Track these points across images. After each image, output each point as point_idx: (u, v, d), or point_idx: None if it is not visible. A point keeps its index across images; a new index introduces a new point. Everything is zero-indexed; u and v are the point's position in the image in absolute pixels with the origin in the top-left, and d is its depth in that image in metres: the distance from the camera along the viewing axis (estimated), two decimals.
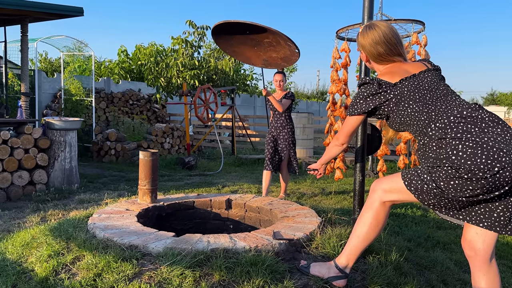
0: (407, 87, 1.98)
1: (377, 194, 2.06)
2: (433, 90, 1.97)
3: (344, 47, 3.53)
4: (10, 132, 5.50)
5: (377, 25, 2.12)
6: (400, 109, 1.99)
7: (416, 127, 1.97)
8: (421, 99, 1.95)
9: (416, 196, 1.92)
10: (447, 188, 1.79)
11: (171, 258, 2.10)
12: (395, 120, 2.06)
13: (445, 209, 1.93)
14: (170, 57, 12.57)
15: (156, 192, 3.31)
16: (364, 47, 2.16)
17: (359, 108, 2.09)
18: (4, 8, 6.11)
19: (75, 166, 6.09)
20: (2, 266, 2.36)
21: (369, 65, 2.27)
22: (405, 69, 2.06)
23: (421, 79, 2.00)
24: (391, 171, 8.39)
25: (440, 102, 1.93)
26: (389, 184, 2.04)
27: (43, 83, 10.45)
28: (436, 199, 1.87)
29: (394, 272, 2.37)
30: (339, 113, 3.59)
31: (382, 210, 2.05)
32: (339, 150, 2.34)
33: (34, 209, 4.74)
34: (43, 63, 16.67)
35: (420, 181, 1.89)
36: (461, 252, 3.36)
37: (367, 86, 2.06)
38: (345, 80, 3.59)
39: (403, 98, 1.98)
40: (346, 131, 2.22)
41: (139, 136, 9.59)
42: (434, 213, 4.69)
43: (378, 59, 2.15)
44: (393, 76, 2.03)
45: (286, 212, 3.05)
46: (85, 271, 2.11)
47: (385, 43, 2.08)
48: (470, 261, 1.99)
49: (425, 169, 1.89)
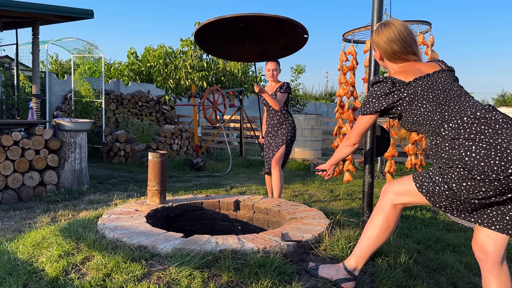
0: (420, 86, 1.96)
1: (388, 196, 2.05)
2: (446, 91, 1.95)
3: (351, 50, 3.51)
4: (21, 133, 5.57)
5: (392, 23, 2.10)
6: (413, 109, 1.98)
7: (428, 127, 1.95)
8: (434, 99, 1.93)
9: (428, 198, 1.91)
10: (460, 189, 1.77)
11: (180, 258, 2.11)
12: (407, 120, 2.03)
13: (457, 211, 1.91)
14: (179, 58, 12.64)
15: (165, 193, 3.33)
16: (379, 45, 2.13)
17: (371, 107, 2.07)
18: (16, 11, 6.19)
19: (85, 167, 6.14)
20: (13, 266, 2.39)
21: (382, 64, 2.24)
22: (419, 69, 2.04)
23: (435, 79, 1.98)
24: (400, 172, 8.33)
25: (454, 103, 1.91)
26: (400, 186, 2.02)
27: (53, 84, 10.56)
28: (448, 201, 1.86)
29: (403, 274, 2.36)
30: (347, 115, 3.57)
31: (393, 213, 2.04)
32: (350, 151, 2.30)
33: (45, 209, 4.79)
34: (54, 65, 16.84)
35: (432, 183, 1.87)
36: (471, 255, 3.33)
37: (381, 85, 2.04)
38: (352, 82, 3.58)
39: (417, 98, 1.96)
40: (358, 131, 2.19)
41: (148, 137, 9.65)
42: (445, 215, 4.65)
43: (392, 57, 2.12)
44: (407, 75, 2.01)
45: (295, 213, 3.04)
46: (95, 271, 2.13)
47: (400, 41, 2.06)
48: (480, 264, 1.97)
49: (437, 170, 1.87)
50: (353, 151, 2.33)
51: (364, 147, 2.73)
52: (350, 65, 3.50)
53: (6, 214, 4.64)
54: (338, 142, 3.70)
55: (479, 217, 1.88)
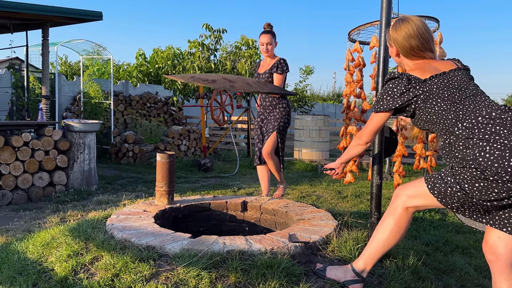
0: (436, 84, 1.93)
1: (400, 199, 2.02)
2: (462, 89, 1.93)
3: (357, 47, 3.47)
4: (31, 134, 5.63)
5: (411, 19, 2.07)
6: (427, 107, 1.94)
7: (442, 126, 1.91)
8: (449, 97, 1.90)
9: (439, 200, 1.88)
10: (472, 190, 1.75)
11: (188, 259, 2.12)
12: (421, 118, 2.00)
13: (469, 212, 1.89)
14: (186, 60, 12.68)
15: (173, 194, 3.34)
16: (396, 40, 2.09)
17: (385, 104, 2.02)
18: (26, 13, 6.26)
19: (93, 168, 6.19)
20: (23, 265, 2.42)
21: (397, 60, 2.19)
22: (435, 66, 2.01)
23: (451, 77, 1.95)
24: (408, 174, 8.28)
25: (469, 102, 1.89)
26: (412, 189, 2.00)
27: (63, 86, 10.65)
28: (460, 203, 1.84)
29: (412, 276, 2.34)
30: (352, 114, 3.52)
31: (405, 216, 2.02)
32: (361, 150, 2.25)
33: (54, 209, 4.83)
34: (63, 66, 16.99)
35: (444, 184, 1.85)
36: (480, 257, 3.29)
37: (396, 81, 2.00)
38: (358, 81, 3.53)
39: (432, 96, 1.93)
40: (371, 129, 2.13)
41: (156, 138, 9.69)
42: (454, 217, 4.61)
43: (409, 53, 2.08)
44: (423, 72, 1.97)
45: (302, 214, 3.04)
46: (103, 271, 2.14)
47: (418, 37, 2.03)
48: (491, 266, 1.96)
49: (449, 171, 1.85)
50: (364, 150, 2.27)
51: (371, 148, 2.71)
52: (356, 62, 3.46)
53: (16, 214, 4.69)
54: (345, 143, 3.66)
55: (491, 218, 1.86)
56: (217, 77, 2.55)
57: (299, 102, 19.31)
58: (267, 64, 3.98)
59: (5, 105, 8.66)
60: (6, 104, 8.46)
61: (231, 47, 14.11)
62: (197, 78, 2.59)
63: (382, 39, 2.50)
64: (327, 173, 2.50)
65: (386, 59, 2.53)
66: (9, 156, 5.21)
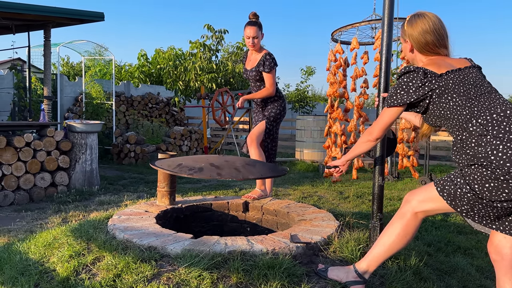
0: (452, 79, 1.90)
1: (410, 204, 1.99)
2: (477, 86, 1.90)
3: (338, 48, 3.47)
4: (33, 134, 5.64)
5: (426, 14, 2.04)
6: (442, 102, 1.90)
7: (456, 122, 1.88)
8: (465, 93, 1.87)
9: (449, 202, 1.86)
10: (482, 191, 1.73)
11: (189, 259, 2.12)
12: (434, 113, 1.96)
13: (478, 216, 1.85)
14: (188, 60, 12.70)
15: (175, 194, 3.34)
16: (411, 36, 2.05)
17: (399, 99, 1.97)
18: (28, 14, 6.27)
19: (95, 168, 6.20)
20: (25, 266, 2.42)
21: (410, 56, 2.15)
22: (449, 63, 1.98)
23: (466, 74, 1.92)
24: (410, 174, 8.26)
25: (484, 99, 1.86)
26: (422, 194, 1.97)
27: (65, 86, 10.67)
28: (470, 205, 1.81)
29: (414, 277, 2.34)
30: (336, 114, 3.51)
31: (413, 221, 1.99)
32: (370, 146, 2.17)
33: (56, 210, 4.84)
34: (65, 67, 17.03)
35: (453, 186, 1.83)
36: (482, 257, 3.29)
37: (411, 75, 1.94)
38: (341, 81, 3.51)
39: (447, 90, 1.89)
40: (383, 124, 2.06)
41: (158, 139, 9.70)
42: (456, 218, 4.61)
43: (424, 49, 2.04)
44: (439, 67, 1.94)
45: (304, 215, 3.04)
46: (105, 272, 2.14)
47: (434, 32, 2.00)
48: (495, 266, 1.95)
49: (459, 173, 1.84)
50: (372, 147, 2.21)
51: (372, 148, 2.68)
52: (337, 63, 3.46)
53: (18, 214, 4.70)
54: (329, 142, 3.65)
55: (501, 224, 1.84)
56: (204, 164, 2.42)
57: (300, 103, 19.32)
58: (253, 59, 3.73)
59: (7, 106, 8.69)
60: (8, 105, 8.48)
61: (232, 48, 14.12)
62: (183, 167, 2.46)
63: (385, 39, 2.49)
64: (331, 171, 2.43)
65: (388, 59, 2.52)
66: (11, 157, 5.22)
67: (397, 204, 5.35)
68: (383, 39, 2.50)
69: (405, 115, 2.39)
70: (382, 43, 2.51)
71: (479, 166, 1.74)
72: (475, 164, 1.75)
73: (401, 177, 7.77)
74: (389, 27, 2.48)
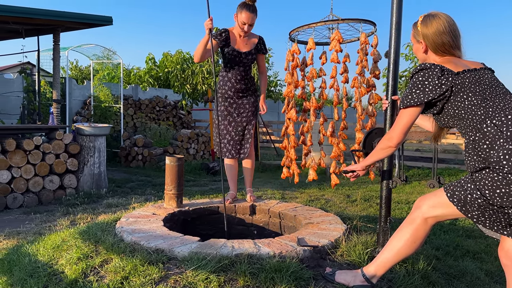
0: (468, 78, 1.87)
1: (420, 210, 1.97)
2: (493, 87, 1.88)
3: (295, 48, 3.43)
4: (42, 137, 5.69)
5: (440, 15, 2.02)
6: (457, 100, 1.87)
7: (470, 122, 1.85)
8: (481, 93, 1.85)
9: (459, 208, 1.84)
10: (493, 197, 1.71)
11: (196, 262, 2.12)
12: (448, 113, 1.92)
13: (489, 222, 1.83)
14: (195, 64, 12.74)
15: (182, 197, 3.35)
16: (426, 36, 2.02)
17: (416, 98, 1.90)
18: (38, 19, 6.34)
19: (103, 171, 6.23)
20: (34, 268, 2.44)
21: (422, 57, 2.11)
22: (465, 64, 1.96)
23: (482, 75, 1.90)
24: (418, 177, 8.22)
25: (499, 100, 1.84)
26: (432, 199, 1.95)
27: (73, 90, 10.77)
28: (480, 211, 1.79)
29: (422, 281, 2.32)
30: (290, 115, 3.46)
31: (423, 227, 1.97)
32: (391, 152, 2.10)
33: (64, 212, 4.87)
34: (74, 71, 17.17)
35: (463, 191, 1.81)
36: (492, 261, 3.25)
37: (427, 72, 1.90)
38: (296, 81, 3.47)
39: (463, 89, 1.86)
40: (402, 128, 1.98)
41: (165, 141, 9.74)
42: (465, 222, 4.56)
43: (439, 49, 2.01)
44: (456, 65, 1.92)
45: (311, 218, 3.03)
46: (113, 274, 2.16)
47: (450, 33, 1.98)
48: (506, 271, 1.93)
49: (469, 178, 1.82)
50: (393, 152, 2.14)
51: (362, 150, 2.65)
52: (294, 63, 3.43)
53: (27, 217, 4.74)
54: (286, 143, 3.60)
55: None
56: None
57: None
58: (249, 42, 3.56)
59: (17, 109, 8.77)
60: (18, 108, 8.56)
61: None
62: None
63: (393, 42, 2.48)
64: (347, 176, 2.38)
65: (397, 61, 2.51)
66: (20, 160, 5.27)
67: (405, 207, 5.32)
68: (391, 42, 2.49)
69: (418, 120, 2.34)
70: (390, 45, 2.50)
71: (490, 170, 1.72)
72: (487, 168, 1.73)
73: (409, 180, 7.72)
74: (397, 30, 2.47)
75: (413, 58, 10.73)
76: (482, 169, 1.75)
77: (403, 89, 10.88)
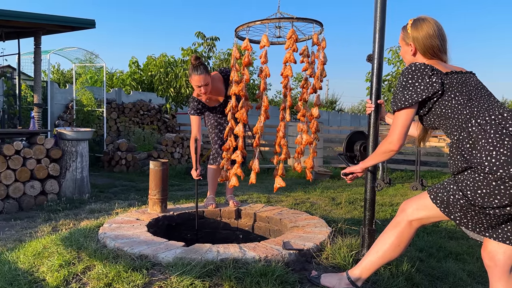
0: (456, 79, 1.92)
1: (405, 213, 1.99)
2: (478, 89, 1.94)
3: (246, 44, 3.35)
4: (22, 142, 5.58)
5: (429, 19, 2.07)
6: (444, 99, 1.91)
7: (455, 121, 1.89)
8: (467, 93, 1.90)
9: (442, 209, 1.87)
10: (474, 197, 1.74)
11: (181, 268, 2.10)
12: (435, 112, 1.95)
13: (472, 223, 1.86)
14: (179, 67, 12.69)
15: (166, 202, 3.33)
16: (416, 39, 2.06)
17: (409, 99, 1.92)
18: (18, 21, 6.24)
19: (86, 176, 6.14)
20: (14, 276, 2.38)
21: (410, 59, 2.12)
22: (451, 67, 2.01)
23: (468, 77, 1.96)
24: (401, 180, 8.32)
25: (483, 101, 1.89)
26: (416, 201, 1.98)
27: (55, 94, 10.60)
28: (463, 212, 1.82)
29: (406, 283, 2.34)
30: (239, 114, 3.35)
31: (407, 230, 1.99)
32: (391, 155, 2.10)
33: (46, 218, 4.78)
34: (56, 74, 16.93)
35: (446, 193, 1.84)
36: (474, 262, 3.31)
37: (418, 72, 1.93)
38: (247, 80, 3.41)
39: (451, 88, 1.90)
40: (401, 130, 1.98)
41: (150, 146, 9.66)
42: (447, 223, 4.63)
43: (428, 52, 2.05)
44: (444, 67, 1.97)
45: (296, 222, 3.04)
46: (96, 281, 2.12)
47: (439, 37, 2.03)
48: (489, 271, 1.96)
49: (452, 180, 1.85)
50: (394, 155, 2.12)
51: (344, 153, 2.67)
52: (246, 60, 3.34)
53: (7, 223, 4.64)
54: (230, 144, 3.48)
55: (494, 232, 1.85)
56: None
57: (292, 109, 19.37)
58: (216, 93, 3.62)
59: None
60: None
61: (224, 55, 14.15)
62: None
63: (377, 45, 2.51)
64: (345, 178, 2.34)
65: (381, 64, 2.54)
66: (0, 165, 5.15)
67: (389, 210, 5.37)
68: (375, 44, 2.52)
69: None
70: (374, 48, 2.52)
71: (472, 171, 1.75)
72: (469, 168, 1.76)
73: (392, 183, 7.81)
74: (381, 32, 2.50)
75: (395, 62, 10.89)
76: (465, 169, 1.78)
77: (386, 93, 11.02)
